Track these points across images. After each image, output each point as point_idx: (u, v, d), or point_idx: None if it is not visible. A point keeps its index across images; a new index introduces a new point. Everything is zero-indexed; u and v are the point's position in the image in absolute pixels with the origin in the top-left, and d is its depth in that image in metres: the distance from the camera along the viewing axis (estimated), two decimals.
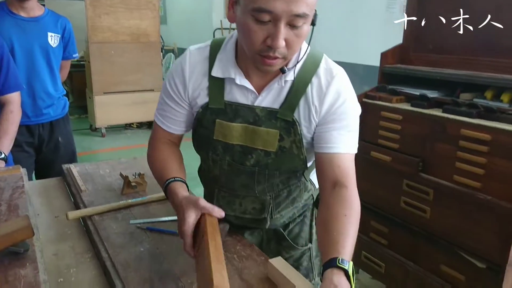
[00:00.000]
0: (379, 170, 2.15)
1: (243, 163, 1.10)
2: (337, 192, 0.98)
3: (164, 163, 1.14)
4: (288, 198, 1.18)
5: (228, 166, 1.12)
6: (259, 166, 1.10)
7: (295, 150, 1.07)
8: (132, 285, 0.94)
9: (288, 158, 1.08)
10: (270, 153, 1.07)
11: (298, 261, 1.25)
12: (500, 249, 1.69)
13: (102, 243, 1.13)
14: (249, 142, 1.08)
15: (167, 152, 1.17)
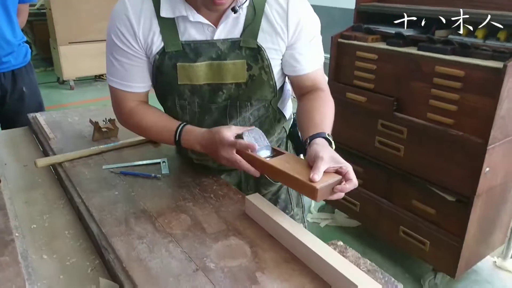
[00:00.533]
0: (355, 111, 2.16)
1: (215, 101, 1.07)
2: (314, 92, 1.10)
3: (156, 119, 1.08)
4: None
5: (199, 108, 1.09)
6: (230, 99, 1.07)
7: (264, 77, 1.05)
8: (108, 227, 0.92)
9: (258, 86, 1.06)
10: (240, 84, 1.05)
11: (276, 195, 1.27)
12: (469, 182, 1.75)
13: (74, 189, 1.10)
14: (217, 79, 1.04)
15: (149, 109, 1.10)
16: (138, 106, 1.10)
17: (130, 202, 1.03)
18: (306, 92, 1.12)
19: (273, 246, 0.87)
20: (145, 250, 0.85)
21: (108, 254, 0.85)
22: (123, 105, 1.10)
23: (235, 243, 0.88)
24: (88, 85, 5.62)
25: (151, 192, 1.08)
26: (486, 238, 2.03)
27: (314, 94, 1.10)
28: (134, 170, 1.19)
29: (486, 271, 2.22)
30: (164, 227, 0.93)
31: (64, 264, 0.87)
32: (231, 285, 0.75)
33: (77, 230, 0.99)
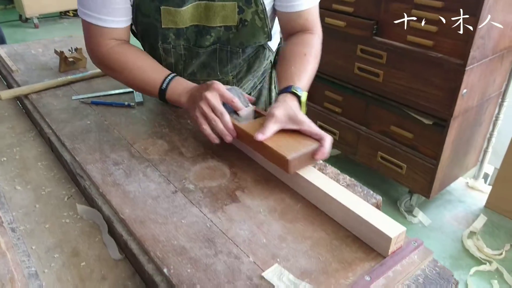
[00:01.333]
0: (334, 37, 2.09)
1: (202, 45, 0.98)
2: (301, 35, 0.99)
3: (140, 62, 0.94)
4: (249, 71, 1.11)
5: (185, 51, 1.00)
6: (220, 42, 0.99)
7: (258, 23, 0.96)
8: (82, 155, 0.89)
9: (251, 32, 0.97)
10: (230, 27, 0.96)
11: None
12: (446, 105, 1.77)
13: (43, 120, 1.05)
14: (204, 21, 0.94)
15: (130, 50, 0.95)
16: (118, 45, 0.96)
17: (103, 131, 0.99)
18: (295, 32, 1.01)
19: (252, 166, 0.86)
20: (122, 175, 0.83)
21: (84, 181, 0.82)
22: (99, 44, 0.94)
23: (214, 165, 0.86)
24: (53, 23, 5.31)
25: (125, 120, 1.04)
26: (460, 160, 2.10)
27: (302, 37, 0.99)
28: (106, 99, 1.14)
29: (459, 191, 2.32)
30: (140, 153, 0.90)
31: (39, 194, 0.85)
32: (211, 203, 0.75)
33: (50, 161, 0.96)
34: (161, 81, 0.92)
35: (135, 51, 0.97)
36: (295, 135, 0.79)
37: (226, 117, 0.82)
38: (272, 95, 1.25)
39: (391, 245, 0.62)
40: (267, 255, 0.64)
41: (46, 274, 0.66)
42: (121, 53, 0.95)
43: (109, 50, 0.95)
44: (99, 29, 0.93)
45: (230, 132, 0.83)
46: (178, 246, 0.65)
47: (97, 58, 0.98)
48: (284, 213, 0.73)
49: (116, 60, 0.95)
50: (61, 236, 0.74)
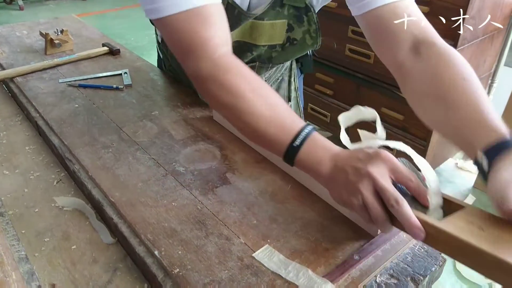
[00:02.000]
0: (325, 18, 2.07)
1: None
2: (428, 53, 0.66)
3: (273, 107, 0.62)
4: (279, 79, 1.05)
5: None
6: (260, 60, 0.88)
7: (308, 42, 0.85)
8: (70, 139, 0.88)
9: (299, 50, 0.87)
10: (275, 46, 0.85)
11: None
12: None
13: (30, 103, 1.03)
14: (248, 38, 0.83)
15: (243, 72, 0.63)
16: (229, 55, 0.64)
17: (92, 114, 0.98)
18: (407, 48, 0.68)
19: (243, 148, 0.85)
20: (112, 158, 0.82)
21: (73, 165, 0.82)
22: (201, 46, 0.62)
23: (204, 148, 0.86)
24: (39, 5, 5.18)
25: (113, 103, 1.03)
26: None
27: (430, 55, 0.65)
28: (94, 82, 1.12)
29: (449, 172, 2.35)
30: (130, 136, 0.89)
31: (27, 178, 0.84)
32: (202, 185, 0.75)
33: (38, 145, 0.94)
34: (293, 133, 0.60)
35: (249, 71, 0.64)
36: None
37: (406, 207, 0.52)
38: (291, 88, 1.09)
39: None
40: (257, 236, 0.64)
41: (37, 258, 0.66)
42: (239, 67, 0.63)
43: (221, 58, 0.63)
44: (192, 15, 0.60)
45: (416, 231, 0.51)
46: (169, 228, 0.65)
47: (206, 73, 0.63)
48: (275, 194, 0.73)
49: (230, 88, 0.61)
50: (51, 220, 0.73)
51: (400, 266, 0.61)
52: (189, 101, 1.03)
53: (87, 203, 0.77)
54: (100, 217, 0.73)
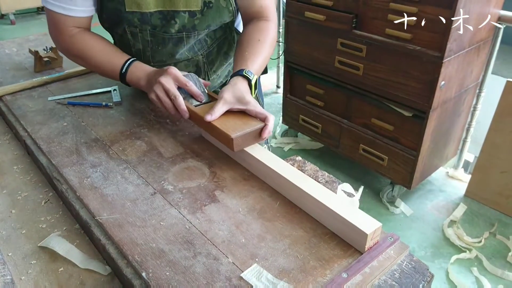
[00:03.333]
0: (314, 31, 2.10)
1: (167, 31, 1.01)
2: (256, 22, 1.03)
3: (102, 48, 1.00)
4: (219, 53, 1.12)
5: (151, 37, 1.02)
6: (185, 30, 1.01)
7: (222, 3, 0.98)
8: (58, 158, 0.88)
9: (216, 13, 0.99)
10: (195, 13, 0.98)
11: None
12: (425, 97, 1.79)
13: (18, 122, 1.03)
14: (168, 5, 0.96)
15: (93, 37, 1.01)
16: (80, 32, 1.00)
17: (80, 132, 0.98)
18: (251, 18, 1.05)
19: (231, 165, 0.86)
20: (100, 178, 0.82)
21: (61, 184, 0.81)
22: (62, 31, 0.99)
23: (193, 165, 0.86)
24: (30, 19, 5.19)
25: (102, 121, 1.03)
26: (440, 151, 2.14)
27: (257, 24, 1.03)
28: (83, 100, 1.12)
29: (440, 181, 2.36)
30: (118, 154, 0.89)
31: (15, 199, 0.83)
32: (190, 204, 0.75)
33: (27, 164, 0.94)
34: (121, 65, 0.97)
35: (97, 38, 1.01)
36: (242, 115, 0.86)
37: (179, 99, 0.88)
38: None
39: (367, 241, 0.63)
40: (245, 255, 0.64)
41: (23, 281, 0.65)
42: (84, 40, 1.00)
43: (72, 37, 0.99)
44: (62, 17, 0.97)
45: (183, 113, 0.89)
46: (157, 249, 0.65)
47: (61, 45, 1.03)
48: (263, 211, 0.73)
49: (79, 47, 1.00)
50: (39, 241, 0.73)
51: (388, 283, 0.61)
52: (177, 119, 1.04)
53: (74, 223, 0.76)
54: (88, 239, 0.73)
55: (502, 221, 2.06)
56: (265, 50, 0.99)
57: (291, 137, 2.72)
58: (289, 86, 2.46)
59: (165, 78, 0.90)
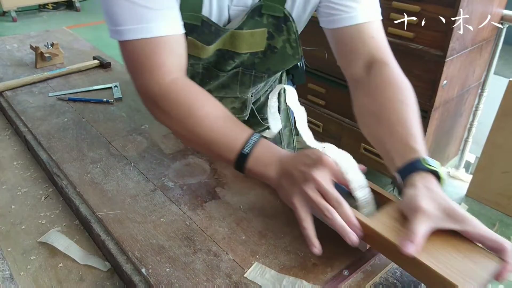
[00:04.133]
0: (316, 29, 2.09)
1: (222, 69, 0.87)
2: (378, 72, 0.72)
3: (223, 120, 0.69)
4: (266, 84, 1.04)
5: (203, 70, 0.88)
6: (243, 66, 0.89)
7: (289, 51, 0.85)
8: (59, 154, 0.87)
9: (280, 59, 0.87)
10: (257, 53, 0.85)
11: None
12: (427, 96, 1.78)
13: (19, 118, 1.02)
14: (229, 47, 0.83)
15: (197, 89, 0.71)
16: (182, 79, 0.71)
17: (81, 128, 0.97)
18: (362, 65, 0.75)
19: None
20: (100, 174, 0.82)
21: (61, 180, 0.81)
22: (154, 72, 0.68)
23: (194, 162, 0.85)
24: (32, 16, 5.18)
25: (103, 117, 1.02)
26: (441, 150, 2.13)
27: (378, 74, 0.72)
28: (84, 96, 1.12)
29: None
30: (119, 151, 0.89)
31: (15, 194, 0.83)
32: (191, 201, 0.74)
33: (27, 160, 0.94)
34: (242, 141, 0.66)
35: (202, 91, 0.72)
36: (457, 242, 0.55)
37: (344, 206, 0.58)
38: (280, 99, 1.09)
39: None
40: (246, 252, 0.64)
41: (22, 277, 0.65)
42: (187, 91, 0.70)
43: (169, 84, 0.69)
44: (149, 43, 0.67)
45: (354, 229, 0.58)
46: (157, 245, 0.65)
47: (151, 95, 0.70)
48: (264, 209, 0.73)
49: (178, 100, 0.69)
50: (38, 237, 0.72)
51: (389, 281, 0.61)
52: None
53: (74, 219, 0.76)
54: (88, 235, 0.73)
55: (503, 221, 2.05)
56: (415, 113, 0.68)
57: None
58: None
59: (321, 172, 0.61)
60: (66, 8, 5.42)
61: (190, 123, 0.68)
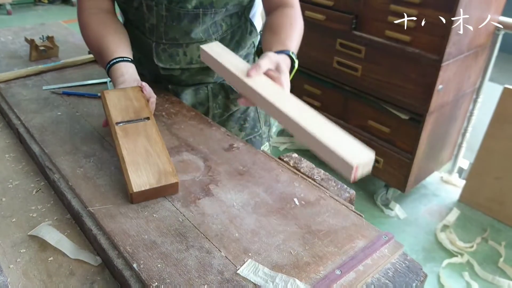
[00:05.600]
0: (313, 30, 2.09)
1: (183, 6, 0.97)
2: (282, 9, 1.02)
3: (100, 40, 0.98)
4: (232, 41, 1.10)
5: (166, 12, 0.98)
6: (202, 7, 0.98)
7: None
8: (51, 147, 0.86)
9: None
10: None
11: (245, 113, 1.22)
12: (423, 100, 1.79)
13: (12, 110, 1.01)
14: None
15: (101, 24, 1.00)
16: (97, 14, 1.01)
17: (75, 122, 0.96)
18: (275, 7, 1.04)
19: (227, 160, 0.85)
20: (93, 168, 0.81)
21: (53, 174, 0.80)
22: (82, 7, 1.01)
23: (188, 158, 0.85)
24: (27, 9, 5.15)
25: (97, 112, 1.01)
26: (435, 155, 2.14)
27: (282, 11, 1.02)
28: (78, 90, 1.11)
29: (434, 185, 2.37)
30: (112, 146, 0.88)
31: (6, 187, 0.82)
32: (184, 197, 0.74)
33: (19, 153, 0.93)
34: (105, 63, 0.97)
35: (107, 23, 1.00)
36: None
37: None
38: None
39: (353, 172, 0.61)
40: (239, 249, 0.63)
41: (12, 270, 0.64)
42: (95, 22, 1.00)
43: (88, 16, 1.01)
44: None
45: None
46: (149, 241, 0.64)
47: (79, 22, 1.03)
48: (258, 207, 0.72)
49: (89, 27, 1.00)
50: (29, 230, 0.71)
51: (381, 281, 0.60)
52: (174, 111, 1.03)
53: (66, 213, 0.75)
54: (79, 229, 0.72)
55: (495, 227, 2.07)
56: (297, 35, 0.98)
57: (286, 137, 2.71)
58: None
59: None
60: (62, 2, 5.39)
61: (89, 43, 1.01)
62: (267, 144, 1.31)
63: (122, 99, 0.86)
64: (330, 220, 0.70)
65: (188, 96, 1.16)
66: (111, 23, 1.01)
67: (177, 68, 1.07)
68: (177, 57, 1.05)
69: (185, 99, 1.16)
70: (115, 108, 0.84)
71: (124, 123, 0.82)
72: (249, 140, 1.23)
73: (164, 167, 0.74)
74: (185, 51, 1.04)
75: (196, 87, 1.16)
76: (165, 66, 1.07)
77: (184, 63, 1.06)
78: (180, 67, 1.07)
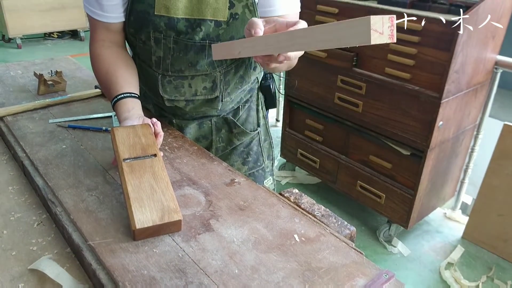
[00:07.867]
0: (315, 67, 2.14)
1: (191, 38, 1.01)
2: None
3: (110, 73, 1.01)
4: (236, 75, 1.11)
5: (174, 44, 1.02)
6: (209, 39, 1.01)
7: (248, 16, 0.99)
8: (55, 180, 0.87)
9: (241, 26, 1.00)
10: (221, 23, 0.99)
11: (248, 147, 1.24)
12: (423, 136, 1.81)
13: (17, 143, 1.03)
14: (196, 14, 0.98)
15: (113, 57, 1.04)
16: (109, 47, 1.05)
17: (79, 155, 0.98)
18: None
19: (228, 194, 0.85)
20: (95, 201, 0.81)
21: (55, 207, 0.81)
22: (93, 39, 1.06)
23: (189, 193, 0.85)
24: (37, 44, 5.29)
25: (101, 145, 1.03)
26: (437, 191, 2.13)
27: None
28: (84, 123, 1.13)
29: (437, 221, 2.34)
30: (115, 179, 0.89)
31: (7, 219, 0.82)
32: (184, 232, 0.74)
33: (22, 185, 0.93)
34: (112, 96, 1.00)
35: (119, 57, 1.05)
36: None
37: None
38: (259, 115, 1.27)
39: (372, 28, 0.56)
40: (238, 286, 0.63)
41: None
42: (107, 54, 1.04)
43: (100, 48, 1.05)
44: (95, 23, 1.03)
45: None
46: (148, 277, 0.64)
47: (90, 53, 1.07)
48: (258, 243, 0.72)
49: (101, 59, 1.04)
50: (28, 264, 0.71)
51: None
52: (176, 145, 1.04)
53: (66, 247, 0.75)
54: (79, 263, 0.72)
55: (500, 265, 2.03)
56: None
57: (288, 171, 2.72)
58: (288, 120, 2.48)
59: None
60: (71, 37, 5.54)
61: (98, 77, 1.05)
62: (271, 178, 1.32)
63: (131, 135, 0.88)
64: (330, 257, 0.69)
65: (192, 130, 1.18)
66: (122, 58, 1.05)
67: (182, 100, 1.09)
68: (182, 88, 1.08)
69: (188, 133, 1.18)
70: (123, 145, 0.85)
71: (131, 159, 0.83)
72: (252, 174, 1.24)
73: (168, 204, 0.75)
74: (190, 83, 1.07)
75: (200, 120, 1.18)
76: (170, 98, 1.09)
77: (189, 95, 1.09)
78: (185, 98, 1.09)
